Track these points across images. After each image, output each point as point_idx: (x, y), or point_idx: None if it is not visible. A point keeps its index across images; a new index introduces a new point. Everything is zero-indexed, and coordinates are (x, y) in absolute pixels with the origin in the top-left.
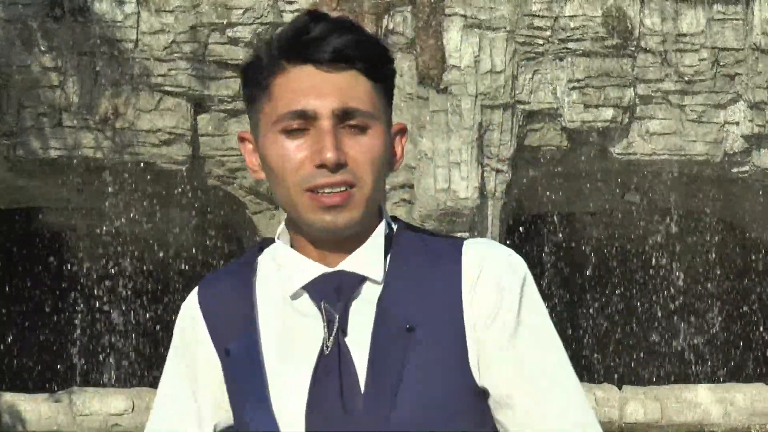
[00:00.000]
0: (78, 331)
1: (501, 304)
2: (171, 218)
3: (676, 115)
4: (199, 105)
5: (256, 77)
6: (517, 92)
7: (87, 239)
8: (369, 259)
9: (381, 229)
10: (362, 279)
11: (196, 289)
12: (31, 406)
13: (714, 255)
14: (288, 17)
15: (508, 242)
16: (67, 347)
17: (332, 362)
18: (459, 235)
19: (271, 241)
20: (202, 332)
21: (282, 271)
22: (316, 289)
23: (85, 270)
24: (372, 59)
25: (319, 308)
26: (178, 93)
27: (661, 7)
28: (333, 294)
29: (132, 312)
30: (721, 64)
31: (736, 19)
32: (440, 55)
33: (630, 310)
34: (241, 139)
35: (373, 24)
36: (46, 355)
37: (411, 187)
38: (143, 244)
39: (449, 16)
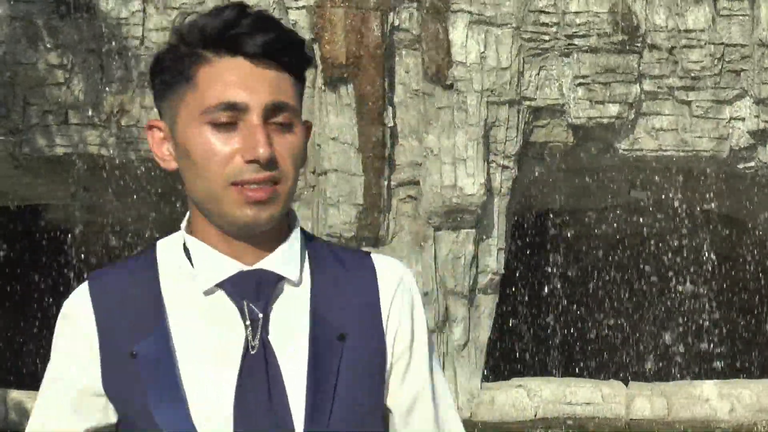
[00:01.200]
0: None
1: (414, 324)
2: (176, 215)
3: (682, 111)
4: None
5: (175, 65)
6: (523, 88)
7: (92, 236)
8: (287, 259)
9: (296, 230)
10: (279, 278)
11: (83, 287)
12: None
13: (720, 251)
14: (294, 14)
15: (514, 238)
16: None
17: (258, 362)
18: (465, 231)
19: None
20: (88, 332)
21: (195, 267)
22: (235, 287)
23: (90, 267)
24: (295, 56)
25: (239, 307)
26: None
27: (667, 3)
28: (252, 293)
29: None
30: (727, 60)
31: (742, 15)
32: (446, 51)
33: (636, 306)
34: (150, 127)
35: (379, 20)
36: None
37: (417, 183)
38: (149, 241)
39: (455, 12)
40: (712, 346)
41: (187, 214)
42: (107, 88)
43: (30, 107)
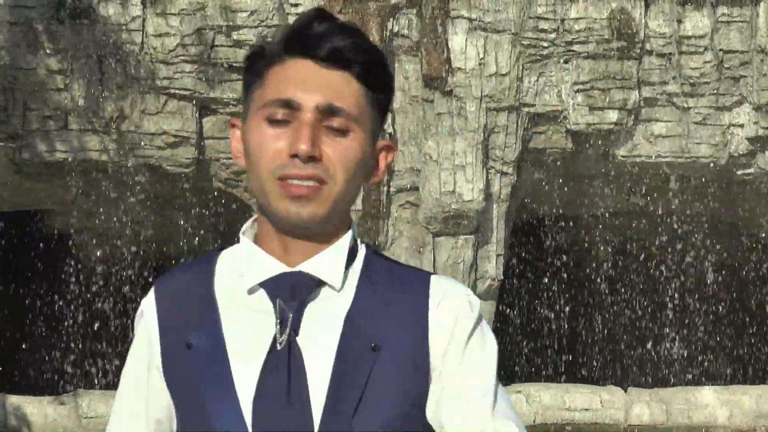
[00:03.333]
0: (82, 332)
1: (466, 351)
2: (176, 220)
3: (680, 118)
4: (205, 107)
5: (255, 65)
6: (522, 95)
7: (91, 241)
8: (330, 264)
9: (347, 238)
10: (320, 283)
11: (151, 291)
12: (37, 408)
13: (719, 257)
14: (293, 20)
15: (512, 244)
16: (71, 349)
17: (282, 359)
18: (464, 237)
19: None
20: (152, 332)
21: (243, 267)
22: (273, 286)
23: (89, 272)
24: (367, 65)
25: (274, 305)
26: (183, 96)
27: (666, 9)
28: (288, 293)
29: (133, 315)
30: (726, 66)
31: (742, 22)
32: (445, 57)
33: (634, 311)
34: (232, 125)
35: (379, 26)
36: (50, 357)
37: (416, 189)
38: (148, 246)
39: (454, 18)
40: (711, 351)
41: (253, 217)
42: (107, 94)
43: (30, 112)
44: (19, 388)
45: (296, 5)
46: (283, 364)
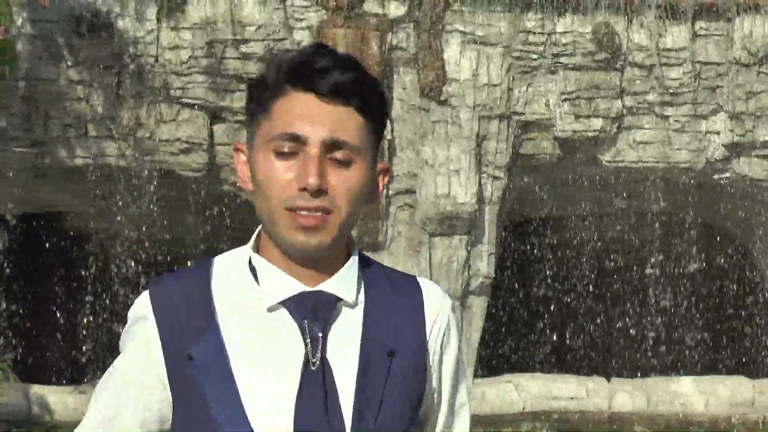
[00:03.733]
0: (98, 326)
1: (449, 347)
2: (188, 222)
3: (661, 125)
4: (215, 116)
5: (260, 96)
6: (512, 104)
7: (108, 242)
8: (345, 282)
9: (355, 258)
10: (337, 300)
11: (146, 293)
12: (58, 397)
13: (696, 256)
14: (298, 34)
15: (504, 243)
16: (90, 343)
17: (317, 377)
18: (458, 237)
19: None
20: (151, 334)
21: (261, 284)
22: (297, 306)
23: (105, 270)
24: (367, 98)
25: (300, 325)
26: (195, 105)
27: (648, 23)
28: (312, 312)
29: None
30: (703, 77)
31: (719, 35)
32: (441, 69)
33: (618, 306)
34: (236, 150)
35: (378, 40)
36: (70, 350)
37: (413, 192)
38: (161, 247)
39: (449, 32)
40: (690, 344)
41: (255, 232)
42: (124, 103)
43: (51, 121)
44: (41, 379)
45: (301, 20)
46: (318, 382)
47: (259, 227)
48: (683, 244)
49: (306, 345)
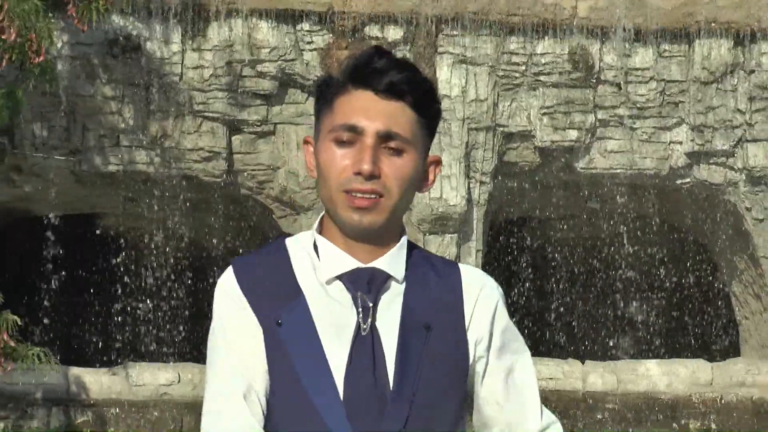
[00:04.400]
0: (130, 315)
1: (493, 327)
2: (209, 223)
3: (629, 136)
4: (234, 127)
5: (325, 93)
6: (497, 117)
7: (138, 240)
8: (395, 261)
9: (404, 240)
10: (387, 276)
11: (229, 269)
12: (94, 378)
13: (660, 252)
14: (307, 55)
15: (490, 241)
16: (121, 328)
17: (367, 343)
18: (449, 235)
19: (289, 236)
20: (242, 303)
21: (321, 260)
22: (352, 280)
23: (136, 264)
24: (419, 96)
25: (353, 296)
26: (215, 118)
27: (618, 45)
28: (365, 286)
29: (172, 300)
30: (667, 93)
31: (681, 56)
32: (434, 85)
33: (591, 297)
34: (306, 142)
35: None
36: (104, 336)
37: None
38: (185, 242)
39: (441, 53)
40: (654, 329)
41: (319, 216)
42: (152, 116)
43: (88, 132)
44: (78, 362)
45: (310, 42)
46: (368, 346)
47: (323, 212)
48: (649, 241)
49: (358, 314)
